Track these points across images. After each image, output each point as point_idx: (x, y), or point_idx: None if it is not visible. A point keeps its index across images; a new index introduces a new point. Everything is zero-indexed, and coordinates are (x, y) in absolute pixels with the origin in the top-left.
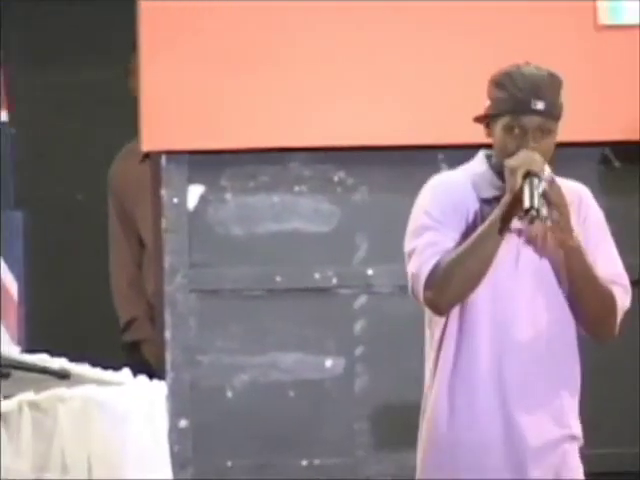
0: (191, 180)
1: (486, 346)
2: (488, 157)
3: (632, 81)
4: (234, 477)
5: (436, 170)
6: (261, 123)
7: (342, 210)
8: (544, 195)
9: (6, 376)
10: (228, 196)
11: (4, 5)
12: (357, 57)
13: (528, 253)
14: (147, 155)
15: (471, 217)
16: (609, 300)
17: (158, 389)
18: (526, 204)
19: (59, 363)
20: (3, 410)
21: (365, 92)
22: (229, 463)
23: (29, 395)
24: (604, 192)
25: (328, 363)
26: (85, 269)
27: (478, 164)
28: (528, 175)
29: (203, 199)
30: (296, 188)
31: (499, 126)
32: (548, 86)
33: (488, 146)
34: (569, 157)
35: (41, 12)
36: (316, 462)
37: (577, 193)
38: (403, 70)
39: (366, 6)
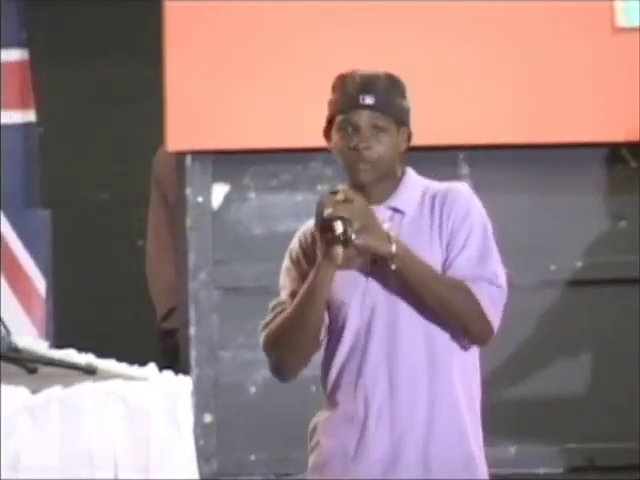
0: (215, 179)
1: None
2: None
3: None
4: (257, 471)
5: (457, 170)
6: (284, 123)
7: None
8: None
9: (34, 371)
10: (251, 195)
11: (31, 4)
12: (379, 57)
13: (376, 280)
14: None
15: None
16: (463, 299)
17: (183, 384)
18: (338, 231)
19: (86, 358)
20: (31, 405)
21: None
22: (252, 457)
23: (56, 390)
24: (621, 192)
25: None
26: (111, 266)
27: None
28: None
29: (227, 198)
30: (318, 187)
31: (334, 128)
32: (381, 83)
33: (511, 146)
34: (586, 158)
35: (67, 11)
36: None
37: (442, 192)
38: (423, 69)
39: (389, 6)
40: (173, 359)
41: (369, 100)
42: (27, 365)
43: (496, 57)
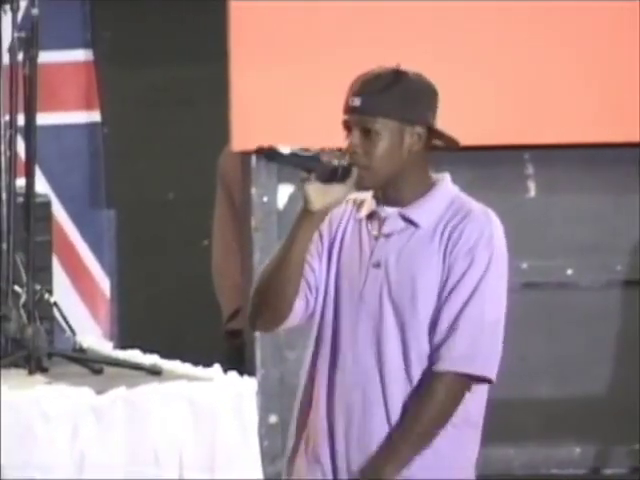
0: (281, 179)
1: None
2: None
3: None
4: None
5: (522, 170)
6: None
7: None
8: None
9: (99, 372)
10: None
11: (96, 4)
12: (440, 55)
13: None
14: None
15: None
16: (436, 421)
17: (248, 385)
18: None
19: (151, 359)
20: (96, 405)
21: (449, 92)
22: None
23: (122, 391)
24: None
25: None
26: (176, 266)
27: None
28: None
29: (292, 198)
30: None
31: None
32: (376, 83)
33: (576, 146)
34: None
35: (132, 11)
36: None
37: (461, 214)
38: (488, 69)
39: (452, 5)
40: (238, 360)
41: (356, 102)
42: (92, 366)
43: (563, 56)
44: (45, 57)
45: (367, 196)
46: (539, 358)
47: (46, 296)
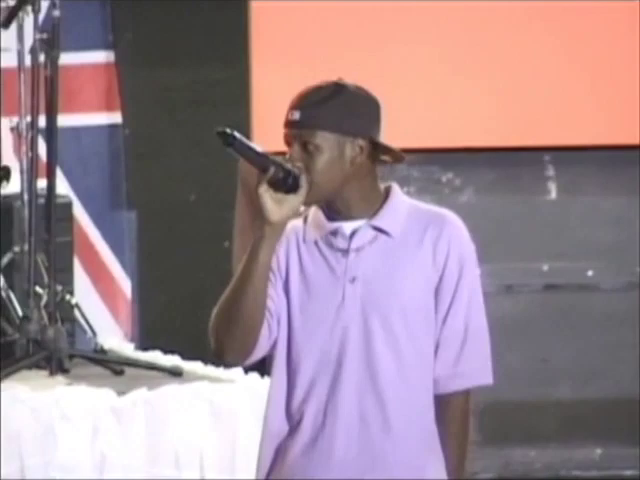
0: None
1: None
2: None
3: None
4: None
5: (543, 171)
6: None
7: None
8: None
9: (120, 373)
10: None
11: (116, 6)
12: (464, 59)
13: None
14: None
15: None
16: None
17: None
18: (287, 167)
19: (172, 360)
20: (117, 407)
21: (472, 94)
22: None
23: (143, 392)
24: None
25: None
26: (197, 268)
27: None
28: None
29: None
30: (404, 189)
31: None
32: (315, 96)
33: (597, 148)
34: None
35: (153, 12)
36: None
37: (436, 220)
38: (509, 71)
39: (480, 6)
40: (259, 361)
41: (295, 116)
42: (113, 367)
43: (586, 59)
44: (66, 58)
45: (301, 219)
46: (560, 360)
47: (67, 297)
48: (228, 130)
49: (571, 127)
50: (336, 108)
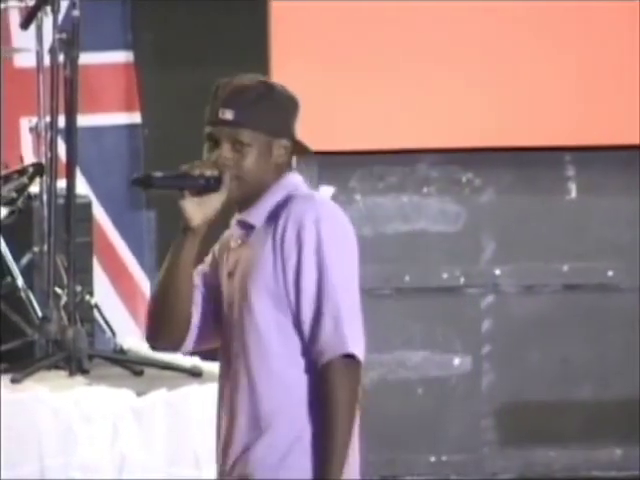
0: (321, 181)
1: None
2: None
3: None
4: (363, 473)
5: (563, 171)
6: (390, 125)
7: (469, 211)
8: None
9: (139, 373)
10: (357, 197)
11: (136, 6)
12: (483, 59)
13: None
14: None
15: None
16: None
17: None
18: (207, 174)
19: (191, 361)
20: (137, 407)
21: (493, 94)
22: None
23: (162, 392)
24: None
25: (455, 361)
26: None
27: None
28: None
29: (333, 200)
30: (424, 189)
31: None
32: (247, 95)
33: (618, 147)
34: None
35: (172, 13)
36: (443, 458)
37: (289, 205)
38: (531, 72)
39: (496, 6)
40: None
41: (229, 115)
42: (133, 367)
43: (606, 59)
44: (86, 58)
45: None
46: (580, 360)
47: (87, 297)
48: (141, 175)
49: (591, 127)
50: (268, 109)
